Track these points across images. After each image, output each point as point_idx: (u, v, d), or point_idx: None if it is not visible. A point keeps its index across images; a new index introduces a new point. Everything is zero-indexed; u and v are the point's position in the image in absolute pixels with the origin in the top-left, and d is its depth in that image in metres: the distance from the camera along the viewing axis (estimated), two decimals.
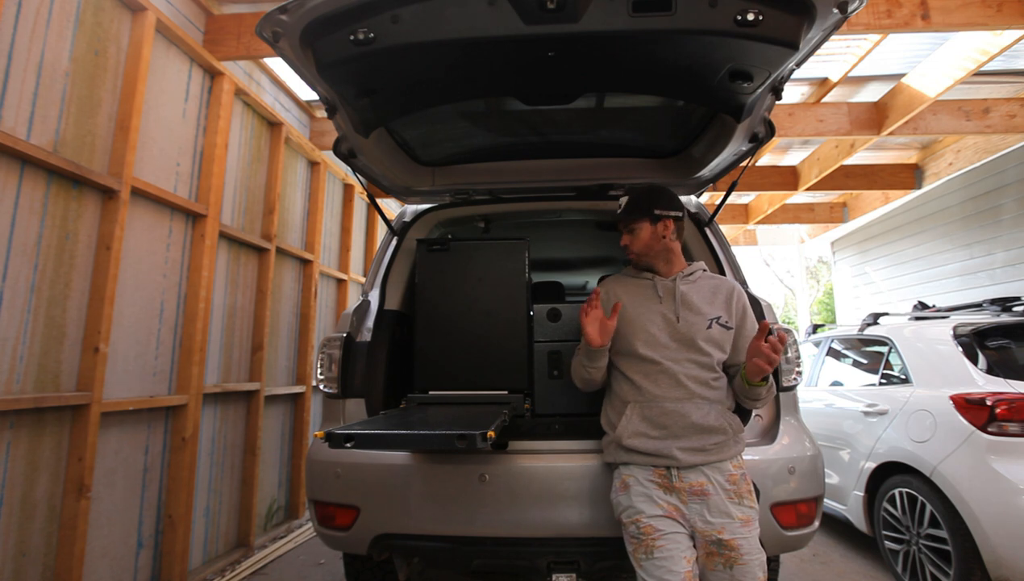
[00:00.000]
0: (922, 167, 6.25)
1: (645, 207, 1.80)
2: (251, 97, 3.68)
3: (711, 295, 1.81)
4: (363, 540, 1.95)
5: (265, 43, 1.54)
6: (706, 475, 1.63)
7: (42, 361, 2.29)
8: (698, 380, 1.71)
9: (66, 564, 2.29)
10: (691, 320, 1.75)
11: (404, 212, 2.77)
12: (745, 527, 1.58)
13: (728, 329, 1.77)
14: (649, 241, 1.81)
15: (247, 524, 3.63)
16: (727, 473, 1.64)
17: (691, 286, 1.82)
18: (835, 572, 3.31)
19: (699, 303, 1.78)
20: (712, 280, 1.87)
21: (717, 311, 1.78)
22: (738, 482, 1.64)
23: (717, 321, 1.76)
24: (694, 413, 1.67)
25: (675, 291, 1.80)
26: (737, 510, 1.60)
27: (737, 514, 1.59)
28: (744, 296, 1.85)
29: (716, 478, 1.63)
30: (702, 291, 1.82)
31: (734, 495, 1.62)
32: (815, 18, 1.46)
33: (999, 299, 3.52)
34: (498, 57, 1.75)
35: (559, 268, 4.87)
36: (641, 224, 1.81)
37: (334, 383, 2.19)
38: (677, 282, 1.81)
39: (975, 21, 3.11)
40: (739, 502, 1.61)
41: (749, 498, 1.64)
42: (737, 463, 1.68)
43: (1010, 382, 2.70)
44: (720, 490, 1.61)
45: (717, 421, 1.68)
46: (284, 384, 4.30)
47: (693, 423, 1.66)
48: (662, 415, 1.68)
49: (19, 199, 2.20)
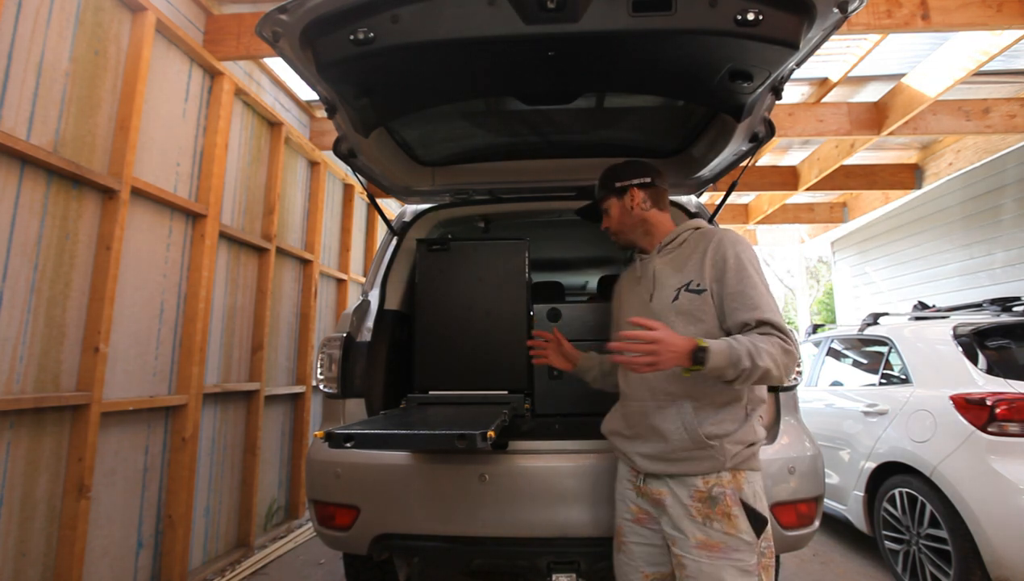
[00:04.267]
0: (922, 167, 6.25)
1: (608, 184, 1.72)
2: (251, 97, 3.68)
3: (685, 259, 1.56)
4: (363, 540, 1.95)
5: (265, 43, 1.54)
6: (669, 486, 1.45)
7: (42, 361, 2.29)
8: (664, 373, 1.46)
9: (66, 564, 2.29)
10: (662, 297, 1.54)
11: (404, 212, 2.77)
12: (701, 550, 1.36)
13: (699, 293, 1.48)
14: (620, 216, 1.70)
15: (247, 524, 3.63)
16: (692, 488, 1.41)
17: (670, 256, 1.62)
18: (835, 572, 3.31)
19: (669, 273, 1.56)
20: (697, 237, 1.60)
21: (687, 276, 1.51)
22: (707, 501, 1.39)
23: (686, 288, 1.49)
24: (654, 414, 1.49)
25: (650, 266, 1.63)
26: (696, 529, 1.38)
27: (696, 534, 1.38)
28: (728, 244, 1.50)
29: (678, 491, 1.43)
30: (678, 258, 1.59)
31: (696, 513, 1.39)
32: (815, 18, 1.46)
33: (999, 299, 3.53)
34: (498, 57, 1.75)
35: (559, 268, 4.87)
36: (609, 201, 1.71)
37: (334, 383, 2.19)
38: (653, 257, 1.65)
39: (975, 21, 3.11)
40: (703, 523, 1.38)
41: (724, 522, 1.37)
42: (711, 480, 1.41)
43: (1010, 382, 2.70)
44: (678, 504, 1.43)
45: (674, 424, 1.44)
46: (284, 384, 4.30)
47: (651, 425, 1.49)
48: (630, 415, 1.59)
49: (19, 199, 2.20)
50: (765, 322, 1.38)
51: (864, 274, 8.17)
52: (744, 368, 1.30)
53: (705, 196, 4.49)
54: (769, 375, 1.33)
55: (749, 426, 1.46)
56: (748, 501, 1.40)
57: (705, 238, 1.56)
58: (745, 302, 1.42)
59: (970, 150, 5.61)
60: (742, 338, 1.35)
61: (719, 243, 1.51)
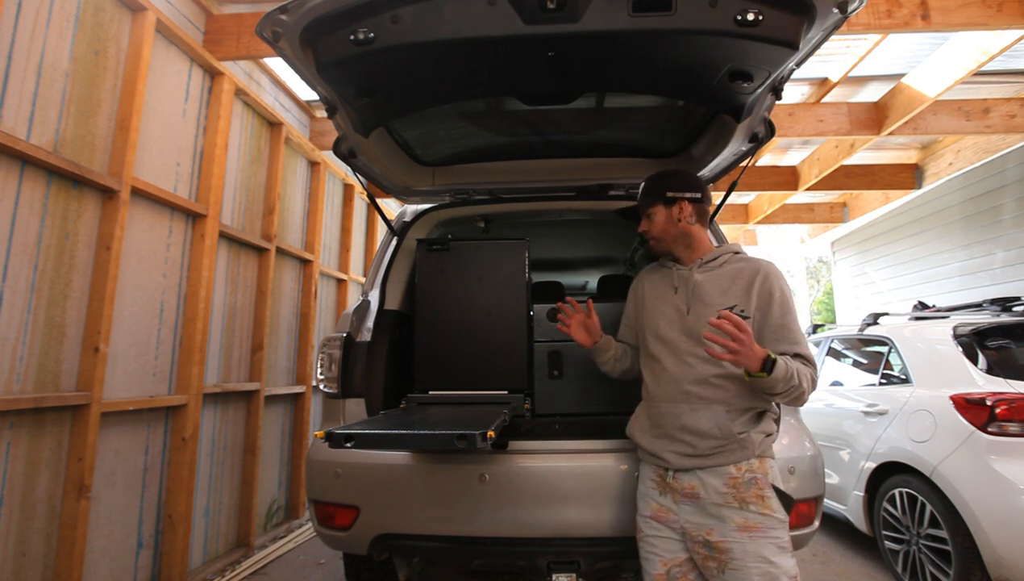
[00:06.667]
0: (922, 167, 6.25)
1: (658, 190, 1.74)
2: (251, 97, 3.68)
3: (730, 282, 1.66)
4: (363, 540, 1.95)
5: (265, 43, 1.54)
6: (700, 478, 1.56)
7: (42, 361, 2.29)
8: (698, 379, 1.61)
9: (66, 564, 2.29)
10: (701, 312, 1.63)
11: (404, 212, 2.77)
12: (742, 532, 1.49)
13: (745, 318, 1.58)
14: (664, 225, 1.73)
15: (247, 524, 3.63)
16: (726, 476, 1.54)
17: (711, 274, 1.69)
18: (835, 572, 3.31)
19: (713, 292, 1.65)
20: (740, 264, 1.69)
21: (732, 300, 1.63)
22: (740, 486, 1.53)
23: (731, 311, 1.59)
24: (687, 415, 1.60)
25: (690, 280, 1.70)
26: (735, 514, 1.51)
27: (735, 518, 1.50)
28: (774, 278, 1.63)
29: (711, 482, 1.55)
30: (722, 279, 1.67)
31: (733, 499, 1.52)
32: (815, 18, 1.46)
33: (999, 299, 3.53)
34: (498, 57, 1.75)
35: (559, 268, 4.87)
36: (655, 208, 1.74)
37: (334, 383, 2.19)
38: (693, 270, 1.71)
39: (975, 21, 3.11)
40: (740, 507, 1.51)
41: (759, 504, 1.51)
42: (743, 466, 1.55)
43: (1010, 382, 2.70)
44: (714, 493, 1.54)
45: (709, 424, 1.57)
46: (284, 384, 4.30)
47: (684, 425, 1.60)
48: (659, 415, 1.67)
49: (19, 199, 2.20)
50: (802, 356, 1.57)
51: (864, 274, 8.17)
52: (793, 386, 1.48)
53: None
54: (801, 397, 1.54)
55: (767, 420, 1.64)
56: (775, 483, 1.56)
57: (750, 267, 1.68)
58: (787, 335, 1.60)
59: (970, 150, 5.61)
60: (791, 361, 1.52)
61: (767, 277, 1.64)
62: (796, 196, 6.93)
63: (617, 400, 2.33)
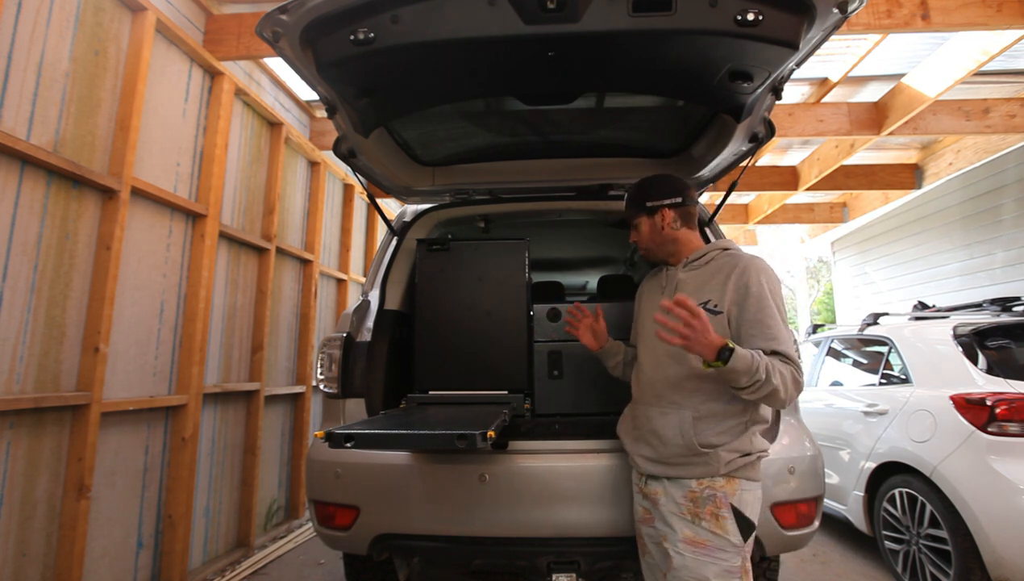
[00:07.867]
0: (922, 167, 6.25)
1: (638, 201, 1.76)
2: (251, 97, 3.68)
3: (709, 278, 1.62)
4: (363, 540, 1.95)
5: (265, 43, 1.54)
6: (664, 487, 1.55)
7: (42, 361, 2.29)
8: (670, 381, 1.58)
9: (66, 564, 2.29)
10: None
11: (404, 212, 2.77)
12: (688, 545, 1.44)
13: (715, 313, 1.53)
14: (650, 234, 1.74)
15: (247, 524, 3.63)
16: (686, 490, 1.50)
17: (695, 271, 1.67)
18: (835, 572, 3.31)
19: (692, 289, 1.62)
20: (724, 259, 1.64)
21: (707, 295, 1.57)
22: (698, 501, 1.48)
23: (703, 306, 1.53)
24: (656, 419, 1.59)
25: (674, 279, 1.70)
26: (685, 527, 1.47)
27: (683, 530, 1.47)
28: (753, 271, 1.55)
29: (672, 492, 1.52)
30: (702, 275, 1.64)
31: (687, 512, 1.48)
32: (815, 18, 1.46)
33: (999, 299, 3.53)
34: (498, 57, 1.75)
35: (559, 268, 4.87)
36: (639, 218, 1.76)
37: (334, 383, 2.19)
38: (677, 270, 1.71)
39: (975, 21, 3.11)
40: (692, 521, 1.47)
41: (712, 522, 1.45)
42: (705, 483, 1.49)
43: (1010, 382, 2.70)
44: (671, 503, 1.52)
45: (673, 430, 1.53)
46: (284, 384, 4.30)
47: (653, 429, 1.59)
48: (636, 418, 1.69)
49: (19, 199, 2.20)
50: (780, 353, 1.45)
51: (864, 274, 8.17)
52: (759, 379, 1.37)
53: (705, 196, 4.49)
54: (776, 395, 1.40)
55: (746, 438, 1.53)
56: (737, 506, 1.47)
57: (731, 261, 1.61)
58: (764, 331, 1.48)
59: (970, 150, 5.61)
60: (763, 355, 1.41)
61: (744, 270, 1.56)
62: (796, 196, 6.93)
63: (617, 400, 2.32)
